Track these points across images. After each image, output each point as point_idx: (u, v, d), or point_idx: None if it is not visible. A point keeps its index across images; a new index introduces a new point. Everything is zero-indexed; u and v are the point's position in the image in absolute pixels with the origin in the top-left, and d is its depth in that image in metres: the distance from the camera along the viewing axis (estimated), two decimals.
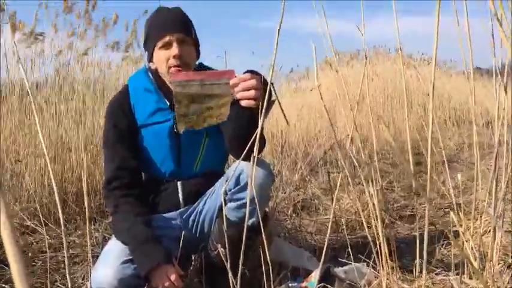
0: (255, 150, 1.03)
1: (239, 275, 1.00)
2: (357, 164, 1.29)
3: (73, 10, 3.40)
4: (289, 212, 2.63)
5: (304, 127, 5.33)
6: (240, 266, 1.03)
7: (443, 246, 1.95)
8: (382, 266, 1.18)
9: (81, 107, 3.51)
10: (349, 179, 1.49)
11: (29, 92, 1.10)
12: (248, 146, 1.10)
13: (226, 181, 1.52)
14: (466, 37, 1.15)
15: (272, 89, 1.01)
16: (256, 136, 1.07)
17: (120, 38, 4.18)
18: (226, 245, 1.15)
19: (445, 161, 1.44)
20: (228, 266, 1.11)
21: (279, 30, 0.92)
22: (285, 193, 2.87)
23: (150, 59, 1.62)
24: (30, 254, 2.32)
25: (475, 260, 1.19)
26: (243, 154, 1.12)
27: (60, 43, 3.58)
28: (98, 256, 2.08)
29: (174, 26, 1.55)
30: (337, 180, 2.83)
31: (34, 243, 2.44)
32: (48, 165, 1.04)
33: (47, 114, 3.37)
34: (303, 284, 1.56)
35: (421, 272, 1.14)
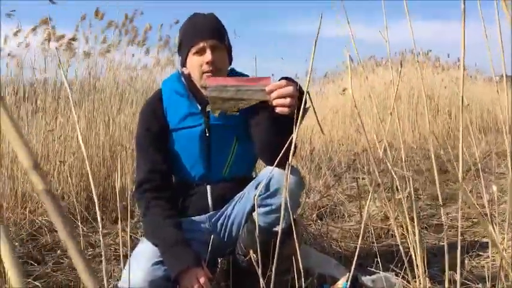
0: (289, 157, 1.03)
1: (272, 280, 1.00)
2: (391, 169, 1.28)
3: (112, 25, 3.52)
4: (313, 217, 2.62)
5: (327, 132, 5.31)
6: (273, 271, 1.03)
7: (473, 257, 1.91)
8: (417, 276, 1.17)
9: (110, 109, 3.58)
10: (379, 184, 1.48)
11: (70, 99, 1.12)
12: (282, 153, 1.10)
13: (257, 187, 1.53)
14: (494, 43, 1.13)
15: (308, 97, 1.01)
16: (290, 143, 1.07)
17: (150, 45, 4.31)
18: (258, 250, 1.15)
19: (480, 170, 1.41)
20: (260, 271, 1.11)
21: (316, 40, 0.92)
22: (308, 198, 2.86)
23: (184, 64, 1.65)
24: (58, 252, 2.37)
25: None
26: (277, 161, 1.12)
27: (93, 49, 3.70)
28: (123, 256, 2.13)
29: (208, 33, 1.58)
30: (365, 186, 2.81)
31: (62, 242, 2.48)
32: (87, 166, 1.06)
33: (76, 116, 3.44)
34: None
35: (454, 283, 1.12)
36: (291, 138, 1.10)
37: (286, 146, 1.09)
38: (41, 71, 3.57)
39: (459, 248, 1.26)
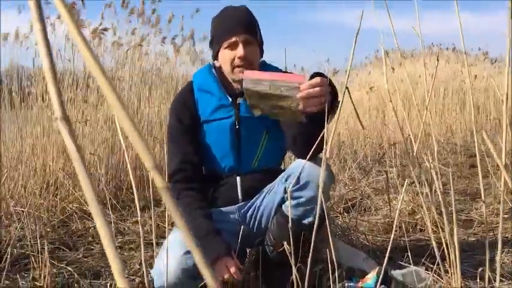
0: (325, 151, 1.03)
1: (307, 271, 1.01)
2: (430, 163, 1.26)
3: (133, 12, 3.55)
4: (340, 210, 2.62)
5: (351, 125, 5.27)
6: (308, 262, 1.04)
7: (503, 253, 1.88)
8: (450, 271, 1.16)
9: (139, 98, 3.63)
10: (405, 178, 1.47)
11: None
12: (314, 147, 1.11)
13: (287, 179, 1.54)
14: None
15: (348, 93, 1.00)
16: (322, 137, 1.07)
17: (173, 35, 4.33)
18: (291, 242, 1.16)
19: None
20: (293, 262, 1.12)
21: (357, 34, 0.92)
22: (334, 191, 2.85)
23: (215, 57, 1.67)
24: (89, 238, 2.43)
25: None
26: (309, 155, 1.13)
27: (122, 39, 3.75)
28: (151, 243, 2.16)
29: (240, 27, 1.58)
30: (391, 179, 2.78)
31: (92, 228, 2.55)
32: (125, 153, 1.09)
33: (105, 105, 3.51)
34: (359, 285, 1.55)
35: (489, 281, 1.11)
36: (322, 132, 1.10)
37: (318, 140, 1.09)
38: (68, 60, 3.63)
39: (500, 245, 1.25)
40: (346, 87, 0.92)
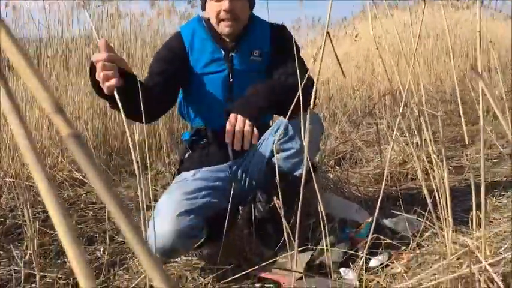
0: (311, 103, 1.00)
1: (297, 225, 1.00)
2: (420, 109, 1.24)
3: None
4: (331, 163, 2.62)
5: (341, 78, 5.21)
6: (297, 216, 1.03)
7: (494, 197, 1.90)
8: (442, 217, 1.16)
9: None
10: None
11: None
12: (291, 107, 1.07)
13: (276, 131, 1.51)
14: None
15: (329, 38, 0.96)
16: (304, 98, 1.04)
17: None
18: (280, 196, 1.15)
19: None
20: (283, 216, 1.11)
21: None
22: (325, 145, 2.85)
23: (203, 8, 1.62)
24: (81, 205, 2.42)
25: None
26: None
27: None
28: (144, 208, 2.16)
29: None
30: (383, 131, 2.78)
31: (84, 195, 2.53)
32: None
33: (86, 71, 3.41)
34: (352, 235, 1.56)
35: (479, 224, 1.12)
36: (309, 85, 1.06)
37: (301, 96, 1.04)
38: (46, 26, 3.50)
39: (483, 188, 1.25)
40: (327, 32, 0.87)
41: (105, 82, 1.22)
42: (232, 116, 1.36)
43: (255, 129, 1.34)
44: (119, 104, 1.04)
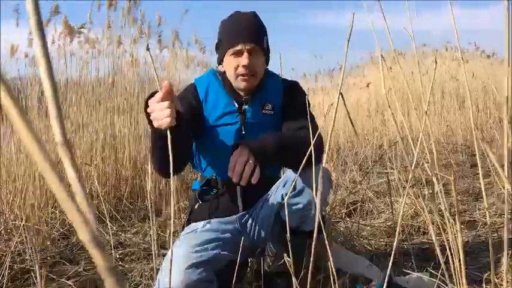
0: (320, 159, 1.01)
1: (308, 280, 0.99)
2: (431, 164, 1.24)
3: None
4: (342, 215, 2.59)
5: (350, 128, 5.25)
6: (309, 270, 1.02)
7: (509, 255, 1.86)
8: (455, 277, 1.13)
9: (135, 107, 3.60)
10: (407, 180, 1.44)
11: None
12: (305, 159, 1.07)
13: (284, 185, 1.51)
14: None
15: (342, 99, 0.98)
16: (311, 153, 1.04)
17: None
18: (290, 252, 1.14)
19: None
20: (292, 272, 1.10)
21: (348, 39, 0.90)
22: (335, 195, 2.83)
23: (220, 62, 1.66)
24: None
25: None
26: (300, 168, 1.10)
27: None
28: (152, 254, 2.13)
29: (246, 35, 1.57)
30: (392, 182, 2.76)
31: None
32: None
33: (100, 113, 3.49)
34: None
35: (495, 286, 1.08)
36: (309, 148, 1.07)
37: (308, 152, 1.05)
38: (60, 71, 3.60)
39: (505, 246, 1.22)
40: (340, 93, 0.89)
41: (164, 118, 1.21)
42: (237, 150, 1.36)
43: (257, 169, 1.33)
44: (169, 143, 0.98)
